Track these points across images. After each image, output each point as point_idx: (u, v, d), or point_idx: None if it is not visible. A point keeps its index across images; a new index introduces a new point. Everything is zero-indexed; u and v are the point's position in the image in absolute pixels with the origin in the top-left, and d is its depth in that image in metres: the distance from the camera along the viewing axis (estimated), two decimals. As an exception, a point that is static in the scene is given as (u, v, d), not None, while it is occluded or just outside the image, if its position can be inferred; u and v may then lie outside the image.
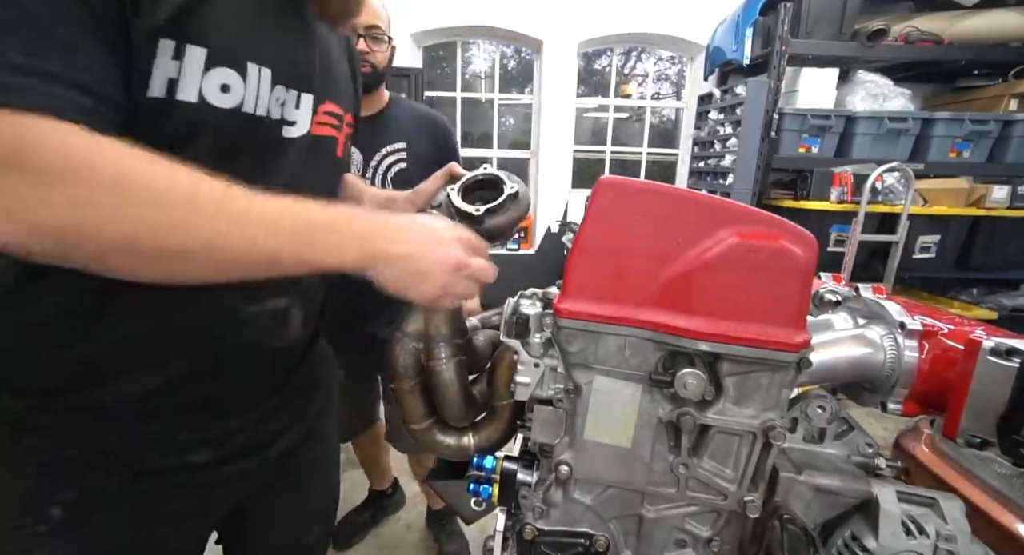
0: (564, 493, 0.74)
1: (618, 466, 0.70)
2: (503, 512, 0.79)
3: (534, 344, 0.72)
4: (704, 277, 0.61)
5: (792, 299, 0.61)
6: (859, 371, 0.78)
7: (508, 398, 0.83)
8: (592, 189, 0.66)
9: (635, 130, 4.50)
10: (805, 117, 3.01)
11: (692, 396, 0.63)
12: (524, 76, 4.34)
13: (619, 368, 0.66)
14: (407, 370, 0.84)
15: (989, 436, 0.69)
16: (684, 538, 0.73)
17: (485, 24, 3.86)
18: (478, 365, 0.90)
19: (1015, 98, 3.18)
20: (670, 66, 4.43)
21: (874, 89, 3.17)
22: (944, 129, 3.02)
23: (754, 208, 0.64)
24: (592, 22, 3.88)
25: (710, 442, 0.67)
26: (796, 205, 3.06)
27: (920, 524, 0.64)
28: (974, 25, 3.04)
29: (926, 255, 3.08)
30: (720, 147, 3.55)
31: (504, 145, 4.41)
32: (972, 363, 0.68)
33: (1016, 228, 3.03)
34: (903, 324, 0.77)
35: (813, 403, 0.73)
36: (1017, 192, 2.96)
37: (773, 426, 0.63)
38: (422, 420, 0.86)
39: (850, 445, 0.74)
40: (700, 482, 0.69)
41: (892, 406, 0.78)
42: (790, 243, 0.61)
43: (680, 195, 0.63)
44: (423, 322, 0.84)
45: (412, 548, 1.93)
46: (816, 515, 0.69)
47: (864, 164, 2.94)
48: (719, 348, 0.61)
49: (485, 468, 0.80)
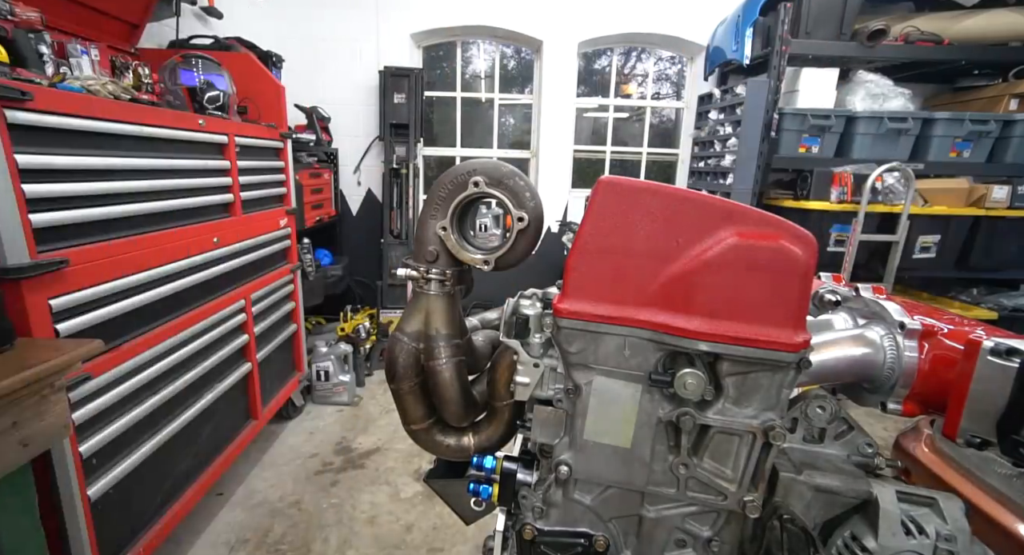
0: (564, 493, 0.74)
1: (618, 466, 0.70)
2: (503, 512, 0.79)
3: (534, 344, 0.72)
4: (704, 277, 0.61)
5: (792, 299, 0.61)
6: (859, 371, 0.78)
7: (508, 398, 0.83)
8: (592, 189, 0.66)
9: (635, 130, 4.50)
10: (805, 117, 3.01)
11: (692, 396, 0.63)
12: (524, 76, 4.34)
13: (619, 368, 0.66)
14: (407, 370, 0.84)
15: (989, 436, 0.69)
16: (684, 538, 0.73)
17: (485, 24, 3.85)
18: (478, 365, 0.90)
19: (1015, 98, 3.19)
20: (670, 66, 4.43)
21: (874, 89, 3.17)
22: (944, 129, 3.03)
23: (754, 208, 0.64)
24: (592, 22, 3.88)
25: (710, 442, 0.67)
26: (796, 205, 3.06)
27: (920, 524, 0.64)
28: (974, 25, 3.04)
29: (926, 255, 3.08)
30: (720, 147, 3.55)
31: (504, 145, 4.41)
32: (972, 363, 0.68)
33: (1016, 228, 3.03)
34: (903, 324, 0.77)
35: (813, 403, 0.73)
36: (1017, 192, 2.96)
37: (773, 426, 0.63)
38: (422, 420, 0.86)
39: (850, 445, 0.74)
40: (700, 482, 0.69)
41: (892, 406, 0.78)
42: (790, 243, 0.60)
43: (680, 195, 0.63)
44: (423, 322, 0.84)
45: (412, 548, 1.94)
46: (816, 515, 0.69)
47: (864, 164, 2.94)
48: (719, 348, 0.61)
49: (485, 468, 0.80)
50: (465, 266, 0.85)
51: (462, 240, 0.82)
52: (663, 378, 0.64)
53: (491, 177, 0.79)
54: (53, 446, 1.21)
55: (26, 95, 1.17)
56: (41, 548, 1.21)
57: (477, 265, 0.82)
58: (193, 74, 2.12)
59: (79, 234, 1.34)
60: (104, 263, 1.40)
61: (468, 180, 0.79)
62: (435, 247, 0.82)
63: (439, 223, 0.81)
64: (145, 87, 1.93)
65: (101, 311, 1.38)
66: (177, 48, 2.52)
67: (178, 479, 1.74)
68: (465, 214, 0.85)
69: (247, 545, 1.89)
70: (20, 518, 1.16)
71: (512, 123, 4.58)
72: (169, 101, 1.99)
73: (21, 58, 1.43)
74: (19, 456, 1.09)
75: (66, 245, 1.30)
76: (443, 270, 0.82)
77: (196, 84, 2.08)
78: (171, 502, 1.69)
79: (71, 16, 1.91)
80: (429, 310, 0.83)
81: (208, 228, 1.87)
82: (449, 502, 0.93)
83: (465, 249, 0.81)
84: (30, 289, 1.19)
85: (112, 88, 1.57)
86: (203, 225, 1.84)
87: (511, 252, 0.81)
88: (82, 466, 1.32)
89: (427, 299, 0.83)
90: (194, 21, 2.94)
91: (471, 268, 0.86)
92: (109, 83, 1.59)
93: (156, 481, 1.63)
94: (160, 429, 1.62)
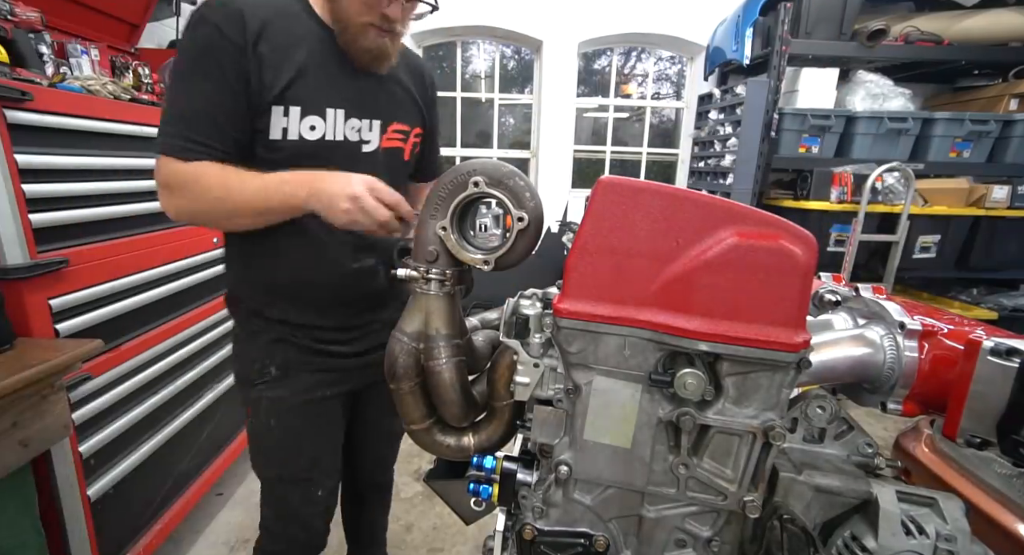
0: (564, 493, 0.74)
1: (618, 466, 0.70)
2: (503, 512, 0.79)
3: (534, 344, 0.72)
4: (704, 277, 0.61)
5: (792, 299, 0.61)
6: (859, 371, 0.78)
7: (508, 398, 0.82)
8: (592, 189, 0.66)
9: (635, 130, 4.50)
10: (805, 117, 3.01)
11: (692, 396, 0.63)
12: (524, 76, 4.34)
13: (619, 368, 0.66)
14: (407, 370, 0.83)
15: (989, 436, 0.69)
16: (684, 538, 0.73)
17: (485, 24, 3.85)
18: (478, 365, 0.90)
19: (1015, 98, 3.18)
20: (670, 66, 4.43)
21: (874, 89, 3.16)
22: (944, 129, 3.02)
23: (754, 208, 0.64)
24: (592, 22, 3.88)
25: (710, 442, 0.67)
26: (796, 205, 3.06)
27: (920, 524, 0.64)
28: (974, 25, 3.04)
29: (926, 255, 3.08)
30: (720, 147, 3.55)
31: (504, 145, 4.41)
32: (972, 363, 0.68)
33: (1016, 228, 3.03)
34: (903, 324, 0.77)
35: (813, 403, 0.73)
36: (1017, 192, 2.96)
37: (773, 426, 0.63)
38: (422, 420, 0.86)
39: (850, 445, 0.74)
40: (700, 482, 0.69)
41: (892, 406, 0.78)
42: (790, 243, 0.60)
43: (680, 195, 0.63)
44: (423, 322, 0.84)
45: (412, 548, 1.94)
46: (816, 515, 0.69)
47: (864, 164, 2.94)
48: (719, 348, 0.61)
49: (485, 468, 0.79)
50: (465, 266, 0.85)
51: (462, 240, 0.82)
52: (663, 378, 0.64)
53: (491, 177, 0.79)
54: (53, 446, 1.21)
55: (26, 95, 1.17)
56: (41, 548, 1.21)
57: (477, 265, 0.82)
58: (193, 74, 2.11)
59: (79, 234, 1.34)
60: (104, 263, 1.40)
61: (468, 180, 0.79)
62: (435, 247, 0.82)
63: (439, 223, 0.81)
64: (145, 87, 1.92)
65: (101, 311, 1.38)
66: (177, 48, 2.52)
67: (178, 479, 1.73)
68: (465, 214, 0.85)
69: (247, 545, 1.89)
70: (20, 518, 1.16)
71: (512, 123, 4.58)
72: (169, 101, 1.99)
73: (21, 58, 1.43)
74: (19, 456, 1.09)
75: (66, 245, 1.30)
76: (443, 270, 0.82)
77: (196, 84, 2.07)
78: (171, 502, 1.69)
79: (71, 16, 1.91)
80: (429, 310, 0.83)
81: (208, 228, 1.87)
82: (449, 502, 0.93)
83: (465, 249, 0.81)
84: (30, 289, 1.19)
85: (112, 88, 1.57)
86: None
87: (511, 252, 0.81)
88: (82, 466, 1.32)
89: (427, 299, 0.83)
90: (194, 21, 2.94)
91: (471, 268, 0.86)
92: (109, 83, 1.59)
93: (156, 481, 1.63)
94: (160, 429, 1.62)
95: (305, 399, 1.09)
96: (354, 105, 0.99)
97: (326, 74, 0.96)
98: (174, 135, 0.87)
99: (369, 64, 0.99)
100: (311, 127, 0.95)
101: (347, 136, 0.99)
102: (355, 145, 1.01)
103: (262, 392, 1.07)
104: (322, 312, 1.07)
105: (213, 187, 0.87)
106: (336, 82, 0.97)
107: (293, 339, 1.07)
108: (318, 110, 0.95)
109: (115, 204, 1.45)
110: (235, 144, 0.91)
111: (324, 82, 0.95)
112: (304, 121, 0.94)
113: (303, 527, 1.19)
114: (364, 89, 1.01)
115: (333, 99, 0.96)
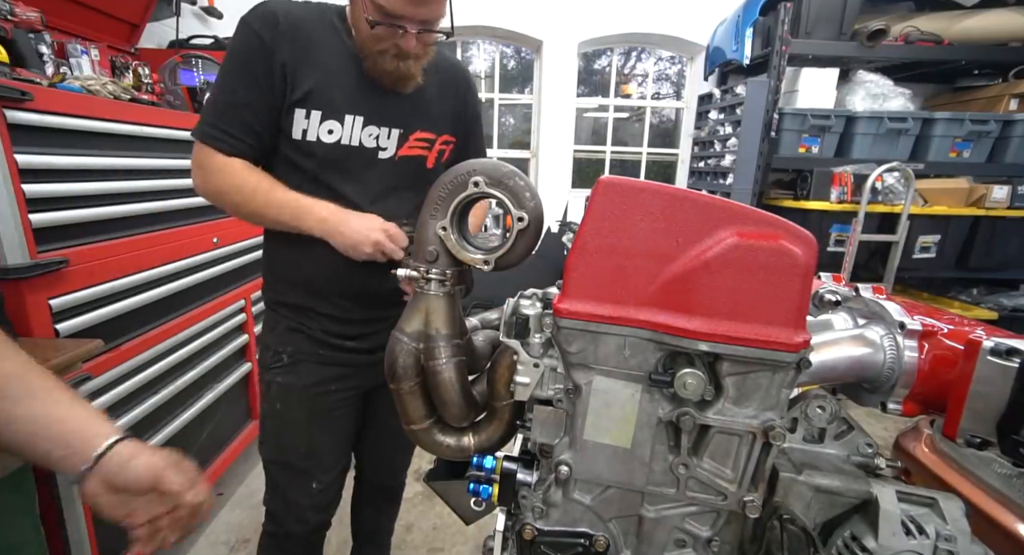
0: (564, 493, 0.74)
1: (618, 466, 0.70)
2: (503, 512, 0.79)
3: (534, 344, 0.72)
4: (704, 277, 0.61)
5: (792, 299, 0.61)
6: (859, 371, 0.78)
7: (508, 398, 0.82)
8: (592, 189, 0.66)
9: (635, 130, 4.50)
10: (805, 117, 3.01)
11: (692, 396, 0.63)
12: (524, 76, 4.34)
13: (619, 368, 0.66)
14: (407, 370, 0.83)
15: (989, 436, 0.69)
16: (684, 538, 0.73)
17: (485, 24, 3.85)
18: (478, 365, 0.90)
19: (1015, 98, 3.18)
20: (670, 66, 4.43)
21: (874, 89, 3.16)
22: (944, 129, 3.02)
23: (754, 208, 0.63)
24: (592, 22, 3.88)
25: (710, 442, 0.67)
26: (796, 205, 3.06)
27: (920, 524, 0.64)
28: (974, 25, 3.04)
29: (926, 255, 3.08)
30: (720, 147, 3.55)
31: (504, 145, 4.41)
32: (972, 363, 0.68)
33: (1016, 228, 3.02)
34: (903, 324, 0.77)
35: (813, 403, 0.73)
36: (1017, 192, 2.96)
37: (773, 426, 0.63)
38: (422, 420, 0.86)
39: (850, 445, 0.74)
40: (700, 482, 0.69)
41: (892, 406, 0.78)
42: (790, 243, 0.60)
43: (680, 195, 0.63)
44: (423, 322, 0.84)
45: (412, 548, 1.93)
46: (816, 515, 0.69)
47: (864, 164, 2.93)
48: (719, 348, 0.61)
49: (485, 468, 0.79)
50: (465, 266, 0.85)
51: (462, 240, 0.82)
52: (663, 378, 0.64)
53: (491, 177, 0.79)
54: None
55: (26, 95, 1.17)
56: (41, 548, 1.21)
57: (477, 265, 0.82)
58: (193, 74, 2.13)
59: (79, 234, 1.34)
60: (104, 263, 1.40)
61: (468, 180, 0.79)
62: (435, 247, 0.82)
63: (439, 223, 0.81)
64: (145, 87, 1.93)
65: (101, 311, 1.38)
66: (177, 48, 2.52)
67: (178, 479, 1.73)
68: (465, 214, 0.85)
69: (247, 545, 1.89)
70: (20, 518, 1.16)
71: (512, 123, 4.58)
72: (169, 101, 1.99)
73: (21, 58, 1.44)
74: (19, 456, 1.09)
75: (66, 245, 1.30)
76: (443, 270, 0.82)
77: (196, 84, 2.08)
78: (171, 502, 1.69)
79: (71, 16, 1.91)
80: (429, 310, 0.83)
81: (208, 228, 1.87)
82: (449, 502, 0.93)
83: (465, 249, 0.82)
84: (30, 289, 1.19)
85: (112, 88, 1.57)
86: (203, 225, 1.84)
87: (511, 252, 0.81)
88: (82, 466, 1.31)
89: (427, 299, 0.83)
90: (194, 21, 2.95)
91: (471, 268, 0.86)
92: (109, 83, 1.59)
93: (156, 481, 1.62)
94: (160, 429, 1.62)
95: (312, 390, 1.14)
96: (373, 113, 1.05)
97: (350, 84, 1.02)
98: (208, 124, 0.99)
99: (393, 85, 1.04)
100: (329, 131, 1.02)
101: (363, 142, 1.05)
102: (371, 151, 1.07)
103: (274, 376, 1.15)
104: (332, 302, 1.13)
105: (243, 185, 1.00)
106: (358, 92, 1.03)
107: (306, 329, 1.13)
108: (337, 115, 1.02)
109: (115, 204, 1.45)
110: (259, 139, 1.01)
111: (347, 91, 1.02)
112: (323, 125, 1.01)
113: (297, 519, 1.23)
114: (386, 100, 1.06)
115: (353, 106, 1.03)
